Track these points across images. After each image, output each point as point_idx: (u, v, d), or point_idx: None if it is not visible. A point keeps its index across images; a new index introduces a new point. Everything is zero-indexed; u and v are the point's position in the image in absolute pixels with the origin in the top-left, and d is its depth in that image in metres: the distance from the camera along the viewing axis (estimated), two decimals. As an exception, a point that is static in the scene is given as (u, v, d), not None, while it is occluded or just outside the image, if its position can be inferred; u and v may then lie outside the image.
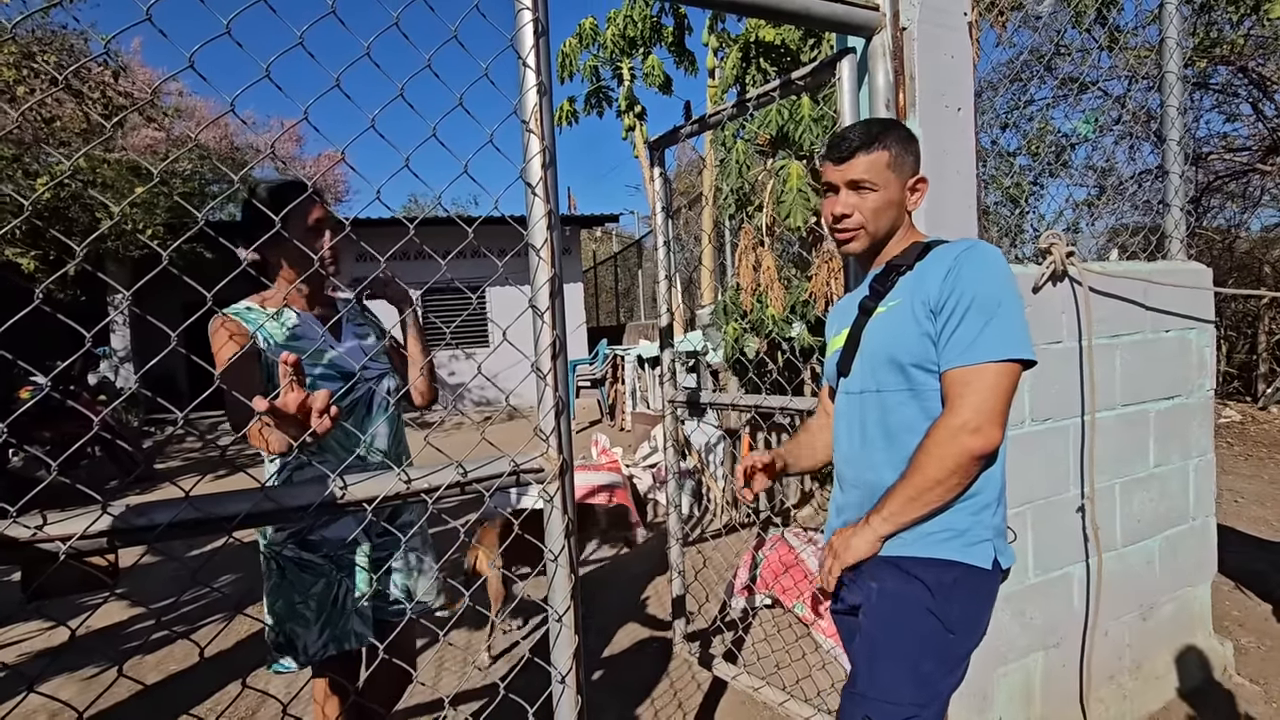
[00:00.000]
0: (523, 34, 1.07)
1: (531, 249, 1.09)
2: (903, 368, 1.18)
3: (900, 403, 1.19)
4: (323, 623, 1.41)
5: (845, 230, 1.26)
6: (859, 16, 1.50)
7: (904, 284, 1.22)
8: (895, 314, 1.20)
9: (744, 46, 3.58)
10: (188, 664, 2.78)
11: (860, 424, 1.25)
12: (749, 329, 3.27)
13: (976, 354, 1.10)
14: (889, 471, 1.19)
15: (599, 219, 12.18)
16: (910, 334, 1.17)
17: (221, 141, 13.07)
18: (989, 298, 1.11)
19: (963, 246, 1.18)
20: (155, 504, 0.89)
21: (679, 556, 2.48)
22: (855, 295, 1.35)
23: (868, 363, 1.24)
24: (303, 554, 1.41)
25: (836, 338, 1.36)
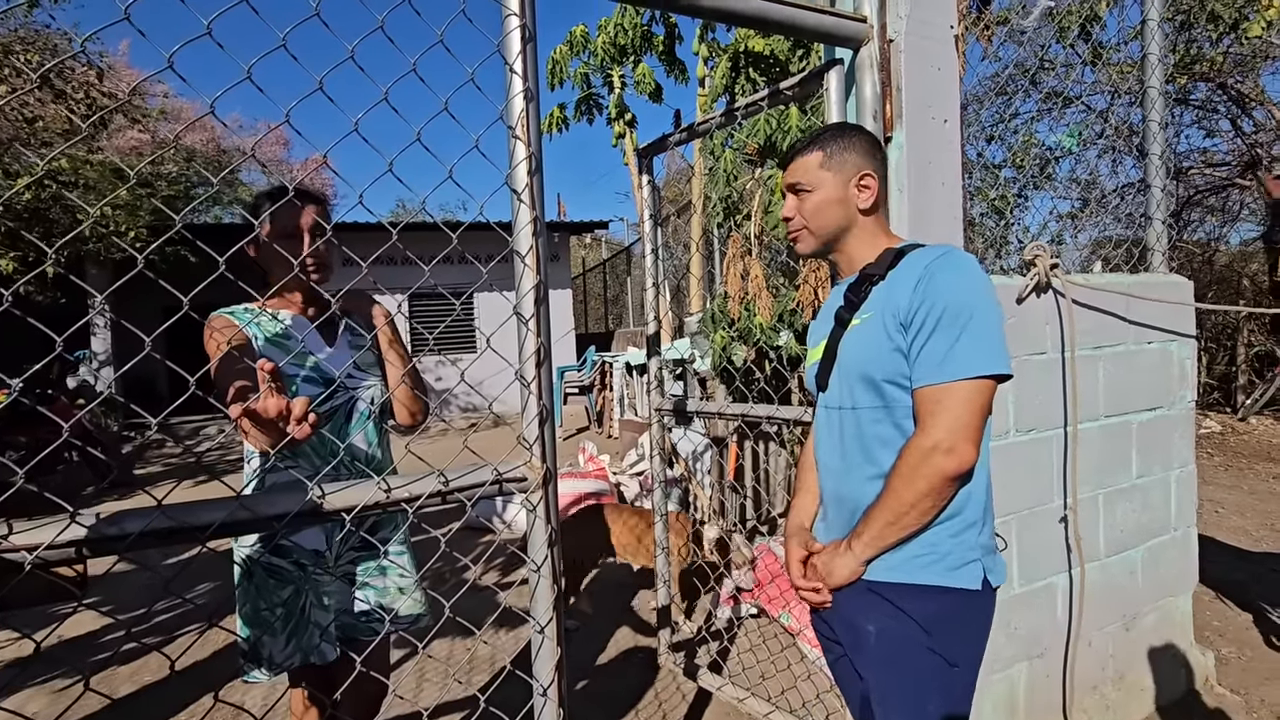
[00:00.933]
0: (509, 40, 1.06)
1: (516, 255, 1.08)
2: (876, 384, 1.14)
3: (875, 420, 1.16)
4: (289, 632, 1.38)
5: (790, 233, 1.29)
6: (847, 28, 1.50)
7: (876, 295, 1.18)
8: (868, 328, 1.16)
9: (733, 56, 3.60)
10: (162, 675, 2.72)
11: (839, 440, 1.23)
12: (737, 337, 3.27)
13: (948, 371, 1.06)
14: (869, 489, 1.16)
15: (588, 225, 12.18)
16: (883, 349, 1.13)
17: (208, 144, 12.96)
18: (961, 308, 1.07)
19: (934, 254, 1.14)
20: (127, 513, 0.87)
21: (664, 565, 2.46)
22: (833, 304, 1.31)
23: (844, 378, 1.20)
24: (272, 559, 1.39)
25: (814, 349, 1.32)
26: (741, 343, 3.28)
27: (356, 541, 1.50)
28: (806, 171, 1.22)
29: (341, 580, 1.48)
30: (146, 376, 11.02)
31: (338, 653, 1.43)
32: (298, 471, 1.37)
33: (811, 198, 1.22)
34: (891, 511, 1.09)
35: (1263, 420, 7.15)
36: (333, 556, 1.46)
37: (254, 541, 1.39)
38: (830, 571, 1.17)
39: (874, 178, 1.21)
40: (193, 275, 0.78)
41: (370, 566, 1.52)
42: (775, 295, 3.12)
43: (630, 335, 10.41)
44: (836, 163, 1.21)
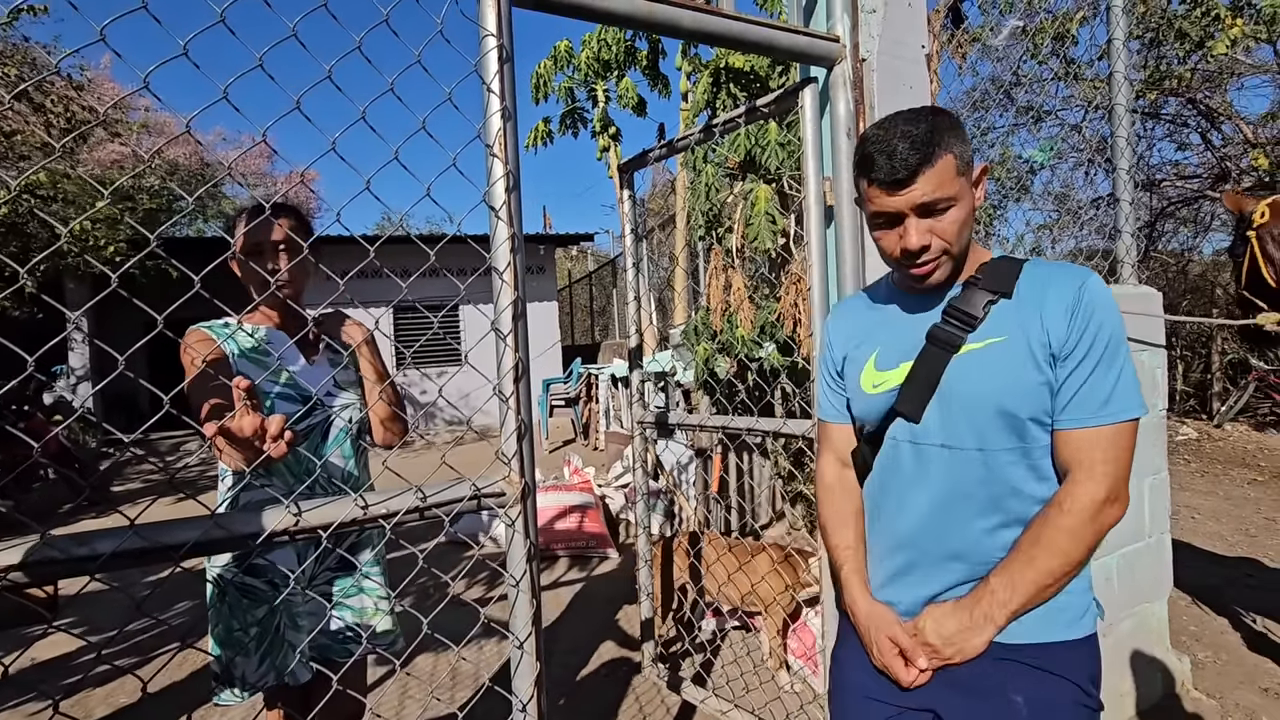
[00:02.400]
0: (487, 60, 1.08)
1: (495, 272, 1.09)
2: (1018, 423, 0.98)
3: (1009, 463, 1.00)
4: (263, 652, 1.37)
5: (924, 265, 1.02)
6: (820, 48, 1.54)
7: (1004, 315, 1.01)
8: (1002, 355, 0.99)
9: (715, 72, 3.65)
10: (138, 697, 2.67)
11: (946, 485, 1.03)
12: (719, 349, 3.30)
13: (1113, 411, 0.95)
14: (992, 542, 1.01)
15: (574, 238, 12.22)
16: (1028, 382, 0.97)
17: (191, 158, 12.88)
18: (1119, 342, 0.97)
19: (1078, 275, 0.99)
20: (98, 533, 0.87)
21: (648, 578, 2.46)
22: (893, 311, 1.13)
23: (961, 412, 1.01)
24: (246, 579, 1.37)
25: (888, 370, 1.09)
26: (724, 354, 3.30)
27: (333, 561, 1.49)
28: (944, 182, 0.97)
29: (317, 600, 1.46)
30: (128, 392, 10.85)
31: (312, 673, 1.42)
32: (273, 490, 1.37)
33: (956, 213, 0.99)
34: (1048, 572, 0.95)
35: (1237, 427, 7.28)
36: (308, 576, 1.45)
37: (227, 561, 1.37)
38: (958, 645, 0.99)
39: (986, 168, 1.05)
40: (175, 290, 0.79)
41: (347, 586, 1.51)
42: (757, 307, 3.15)
43: (616, 347, 10.43)
44: (965, 162, 0.99)
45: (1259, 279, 2.26)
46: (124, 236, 7.07)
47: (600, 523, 4.30)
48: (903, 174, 0.96)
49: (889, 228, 1.03)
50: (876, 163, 0.98)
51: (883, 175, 0.98)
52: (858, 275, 1.57)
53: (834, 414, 1.22)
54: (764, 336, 3.17)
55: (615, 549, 4.20)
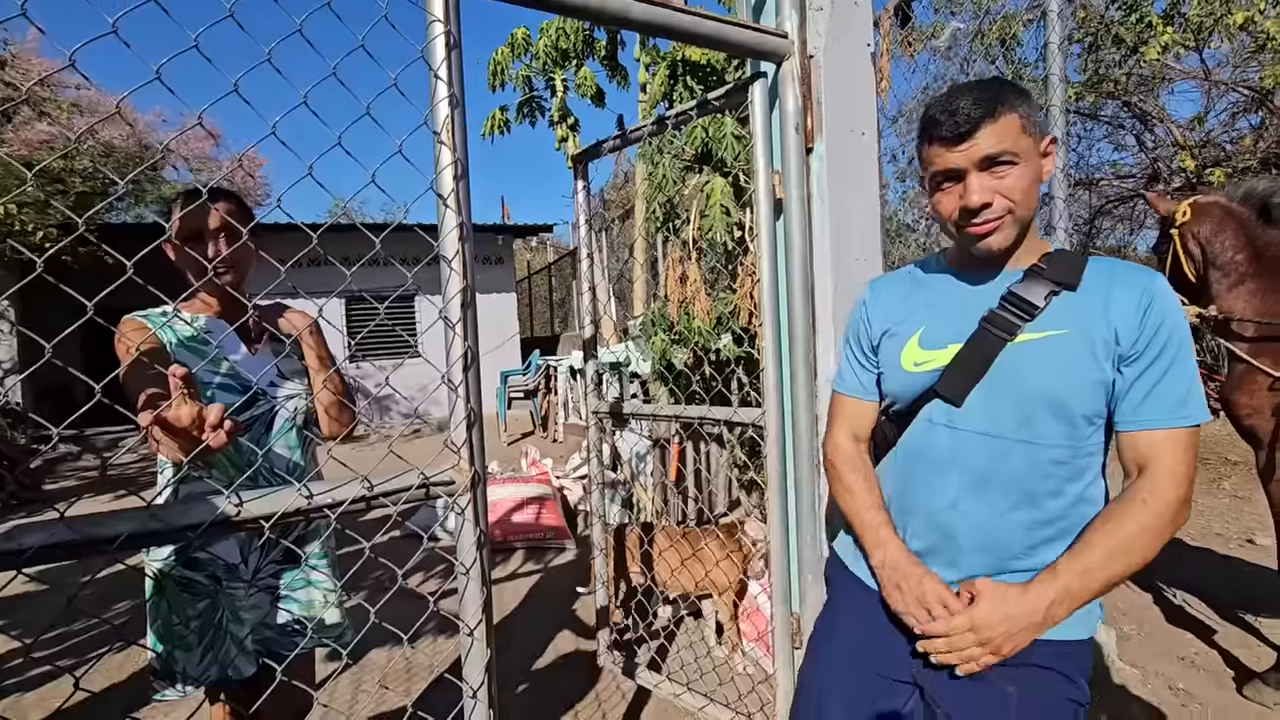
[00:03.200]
0: (434, 46, 1.07)
1: (443, 260, 1.09)
2: (1073, 419, 0.97)
3: (1056, 460, 0.98)
4: (204, 646, 1.34)
5: (986, 222, 0.99)
6: (769, 44, 1.57)
7: (1065, 308, 0.99)
8: (1062, 348, 0.97)
9: (671, 65, 3.67)
10: (75, 699, 2.57)
11: (982, 474, 1.02)
12: (676, 340, 3.33)
13: (1189, 414, 0.94)
14: (1018, 536, 1.00)
15: (533, 229, 12.11)
16: (1086, 378, 0.96)
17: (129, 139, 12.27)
18: (1189, 347, 0.95)
19: (1145, 274, 0.98)
20: (25, 526, 0.84)
21: (604, 567, 2.48)
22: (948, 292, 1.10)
23: (1012, 402, 0.99)
24: (185, 572, 1.34)
25: (935, 350, 1.07)
26: (680, 345, 3.34)
27: (279, 554, 1.47)
28: (1013, 138, 0.95)
29: (262, 593, 1.44)
30: (62, 384, 10.31)
31: (256, 666, 1.40)
32: (215, 483, 1.33)
33: (1020, 171, 0.96)
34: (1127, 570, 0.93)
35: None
36: (250, 568, 1.43)
37: (167, 554, 1.34)
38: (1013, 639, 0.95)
39: (1055, 141, 1.03)
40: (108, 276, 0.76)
41: (293, 579, 1.49)
42: (713, 299, 3.19)
43: (576, 339, 10.39)
44: (1034, 126, 0.98)
45: (1180, 275, 2.40)
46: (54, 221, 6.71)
47: (558, 514, 4.30)
48: (965, 127, 0.95)
49: (951, 186, 1.01)
50: (939, 121, 0.98)
51: (945, 131, 0.97)
52: (805, 268, 1.61)
53: (858, 389, 1.20)
54: (720, 328, 3.21)
55: (573, 540, 4.21)
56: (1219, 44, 6.40)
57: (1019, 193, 0.98)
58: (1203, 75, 7.05)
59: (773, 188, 1.65)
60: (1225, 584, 3.20)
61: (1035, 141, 0.98)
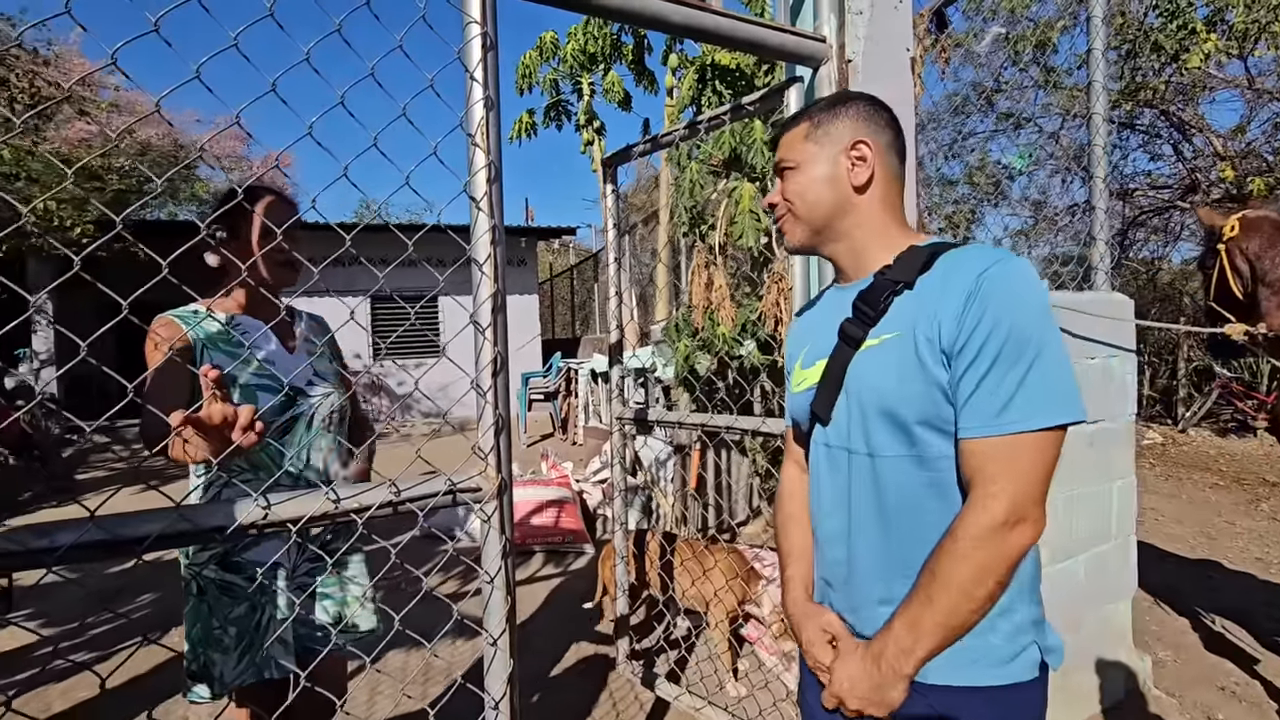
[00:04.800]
0: (470, 47, 1.06)
1: (474, 263, 1.07)
2: (904, 427, 0.89)
3: (900, 472, 0.91)
4: (242, 649, 1.33)
5: (777, 220, 1.08)
6: (807, 48, 1.54)
7: (902, 307, 0.92)
8: (892, 351, 0.91)
9: (700, 69, 3.65)
10: (99, 691, 2.60)
11: (845, 493, 0.98)
12: (700, 346, 3.30)
13: (1012, 420, 0.81)
14: (880, 564, 0.93)
15: (556, 231, 12.15)
16: (913, 381, 0.88)
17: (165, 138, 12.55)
18: (1027, 336, 0.83)
19: (986, 258, 0.88)
20: (57, 524, 0.84)
21: (624, 574, 2.46)
22: (833, 313, 1.04)
23: (855, 413, 0.95)
24: (225, 575, 1.34)
25: (808, 369, 1.05)
26: (705, 352, 3.31)
27: (313, 553, 1.47)
28: (791, 146, 1.03)
29: (297, 592, 1.44)
30: (97, 376, 10.57)
31: (294, 665, 1.40)
32: (255, 485, 1.33)
33: (795, 176, 1.02)
34: (946, 611, 0.82)
35: (1201, 432, 7.49)
36: (290, 569, 1.43)
37: (205, 558, 1.34)
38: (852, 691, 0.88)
39: (869, 146, 0.98)
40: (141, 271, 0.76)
41: (327, 578, 1.49)
42: (738, 305, 3.16)
43: (597, 341, 10.41)
44: (823, 132, 1.00)
45: (1227, 291, 2.32)
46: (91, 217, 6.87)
47: (577, 518, 4.29)
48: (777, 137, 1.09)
49: None
50: None
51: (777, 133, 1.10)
52: (839, 276, 1.57)
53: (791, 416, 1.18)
54: (745, 335, 3.18)
55: (592, 544, 4.19)
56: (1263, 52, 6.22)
57: (794, 194, 1.03)
58: (1246, 84, 6.86)
59: (807, 194, 1.62)
60: (1266, 610, 3.08)
61: (824, 147, 1.00)
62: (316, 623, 1.47)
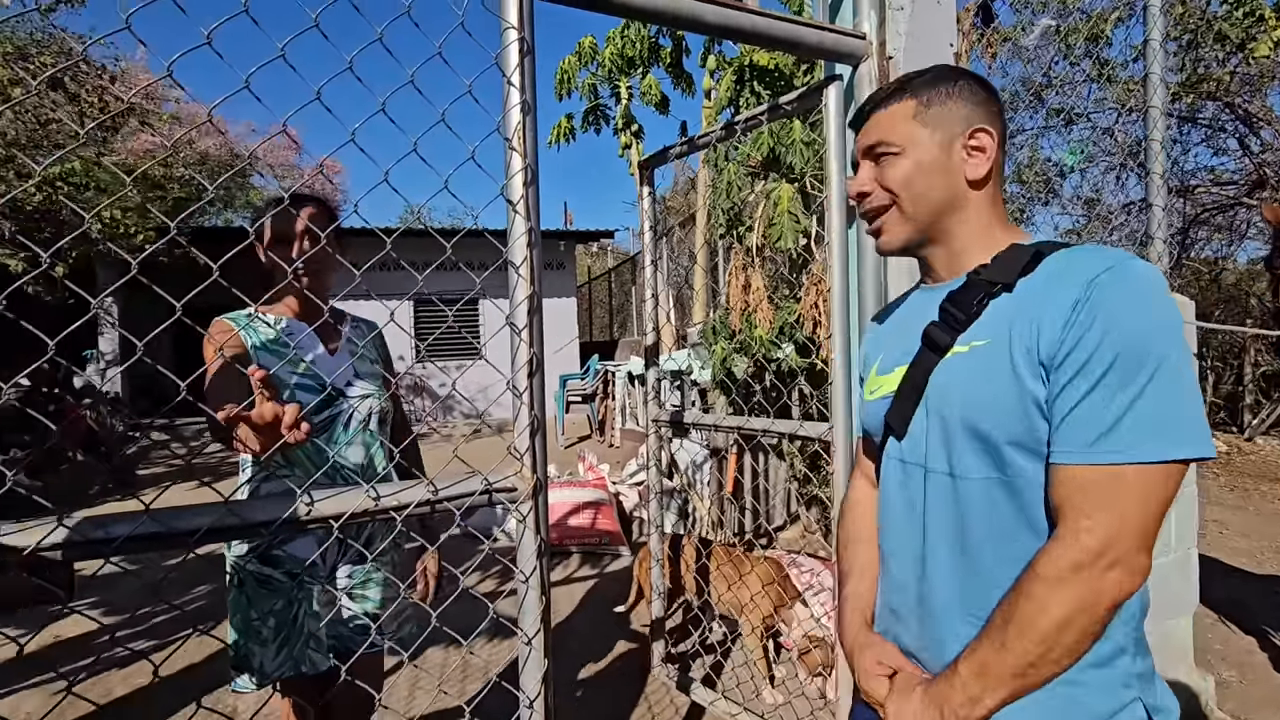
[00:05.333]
0: (508, 53, 1.07)
1: (511, 266, 1.09)
2: (994, 447, 0.78)
3: (987, 499, 0.80)
4: (280, 642, 1.38)
5: (868, 214, 0.94)
6: (846, 45, 1.51)
7: (998, 312, 0.81)
8: (983, 360, 0.80)
9: (738, 70, 3.62)
10: (164, 674, 2.72)
11: (918, 516, 0.88)
12: (737, 349, 3.28)
13: (1116, 447, 0.70)
14: (957, 600, 0.83)
15: (594, 234, 12.23)
16: (1006, 396, 0.77)
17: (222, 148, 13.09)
18: (1141, 352, 0.70)
19: (1101, 261, 0.75)
20: (113, 517, 0.88)
21: (659, 577, 2.45)
22: (914, 311, 0.96)
23: (936, 427, 0.85)
24: (263, 569, 1.39)
25: (885, 375, 0.96)
26: (742, 354, 3.28)
27: (354, 554, 1.50)
28: (893, 126, 0.89)
29: (334, 590, 1.47)
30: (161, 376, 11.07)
31: (330, 663, 1.43)
32: (291, 480, 1.37)
33: (900, 163, 0.88)
34: (1027, 660, 0.72)
35: (1269, 440, 7.09)
36: (326, 566, 1.46)
37: (245, 551, 1.39)
38: None
39: (990, 136, 0.87)
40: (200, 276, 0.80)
41: (364, 577, 1.52)
42: (776, 307, 3.12)
43: (634, 344, 10.43)
44: (936, 114, 0.88)
45: (1297, 290, 2.20)
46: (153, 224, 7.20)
47: (614, 520, 4.30)
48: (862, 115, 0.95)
49: None
50: None
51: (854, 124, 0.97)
52: (879, 277, 1.54)
53: (861, 425, 1.09)
54: (783, 337, 3.14)
55: (628, 546, 4.20)
56: (1338, 39, 5.87)
57: (898, 184, 0.89)
58: (1319, 73, 6.48)
59: (845, 194, 1.59)
60: (1342, 631, 2.90)
61: (936, 131, 0.88)
62: (352, 621, 1.50)
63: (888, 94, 0.91)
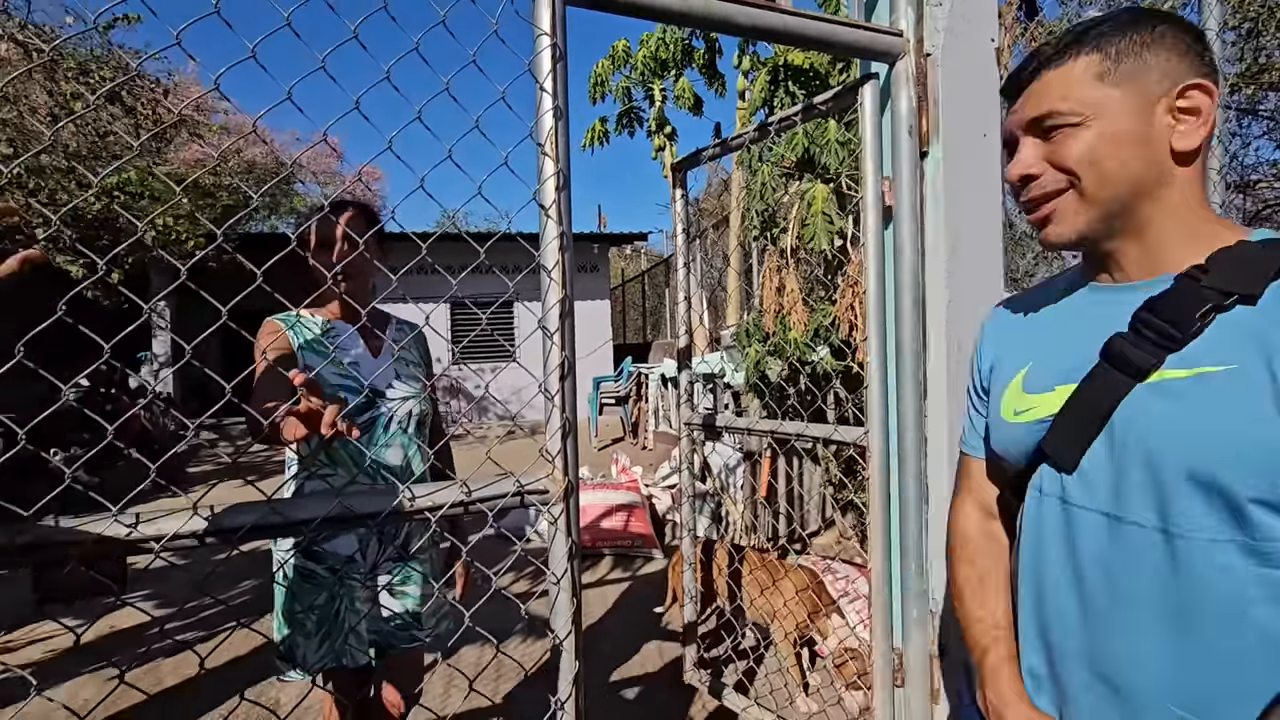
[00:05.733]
0: (540, 59, 1.08)
1: (543, 270, 1.09)
2: (1233, 503, 0.63)
3: (1219, 566, 0.64)
4: (322, 635, 1.42)
5: (1033, 202, 0.76)
6: (882, 43, 1.49)
7: (1238, 331, 0.65)
8: (1223, 393, 0.64)
9: (773, 70, 3.60)
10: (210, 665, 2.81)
11: (1107, 573, 0.71)
12: (771, 351, 3.25)
13: None
14: (1164, 686, 0.67)
15: (628, 237, 12.27)
16: (1263, 441, 0.61)
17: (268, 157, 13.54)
18: None
19: None
20: (164, 514, 0.91)
21: (692, 581, 2.44)
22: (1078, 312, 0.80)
23: (1136, 470, 0.69)
24: (306, 563, 1.44)
25: (1040, 395, 0.79)
26: (776, 357, 3.25)
27: (392, 550, 1.54)
28: (1069, 90, 0.71)
29: (374, 587, 1.51)
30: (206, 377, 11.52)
31: (370, 657, 1.47)
32: (333, 479, 1.42)
33: (1082, 135, 0.70)
34: None
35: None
36: (366, 563, 1.50)
37: (290, 546, 1.44)
38: None
39: (1207, 92, 0.69)
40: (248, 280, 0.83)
41: (403, 575, 1.56)
42: (810, 310, 3.08)
43: (667, 346, 10.42)
44: (1129, 70, 0.69)
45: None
46: (203, 231, 7.48)
47: (646, 523, 4.29)
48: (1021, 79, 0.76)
49: None
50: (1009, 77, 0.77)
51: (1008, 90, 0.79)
52: (916, 279, 1.51)
53: (975, 444, 0.93)
54: (817, 340, 3.10)
55: (660, 549, 4.19)
56: None
57: (1080, 161, 0.70)
58: (1392, 60, 6.14)
59: (882, 194, 1.57)
60: None
61: (1131, 92, 0.69)
62: (391, 618, 1.54)
63: (1059, 49, 0.73)
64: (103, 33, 5.68)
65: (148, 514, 0.90)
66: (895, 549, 1.53)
